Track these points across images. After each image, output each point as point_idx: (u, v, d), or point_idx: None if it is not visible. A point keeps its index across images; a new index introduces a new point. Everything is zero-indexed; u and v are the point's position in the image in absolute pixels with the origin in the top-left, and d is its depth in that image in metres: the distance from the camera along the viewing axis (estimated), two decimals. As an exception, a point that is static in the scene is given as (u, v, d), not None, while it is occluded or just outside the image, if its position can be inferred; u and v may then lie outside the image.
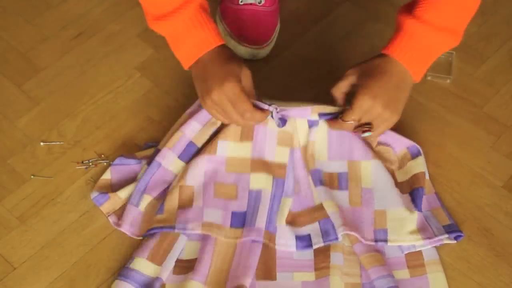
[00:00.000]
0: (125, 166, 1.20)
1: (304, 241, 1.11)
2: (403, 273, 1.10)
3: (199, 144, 1.18)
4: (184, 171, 1.16)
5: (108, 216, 1.15)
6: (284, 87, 1.35)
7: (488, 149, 1.25)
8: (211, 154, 1.16)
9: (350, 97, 1.12)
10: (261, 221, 1.11)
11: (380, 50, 1.10)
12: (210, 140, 1.18)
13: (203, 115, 1.18)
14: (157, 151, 1.18)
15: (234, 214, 1.13)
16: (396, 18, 1.10)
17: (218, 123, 1.18)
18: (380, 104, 1.08)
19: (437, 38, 1.07)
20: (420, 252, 1.12)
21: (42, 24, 1.43)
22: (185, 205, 1.14)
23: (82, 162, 1.23)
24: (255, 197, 1.15)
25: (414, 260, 1.11)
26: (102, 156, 1.24)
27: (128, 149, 1.25)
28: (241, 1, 1.37)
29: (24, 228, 1.16)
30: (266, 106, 1.13)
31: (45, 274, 1.11)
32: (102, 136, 1.27)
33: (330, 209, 1.13)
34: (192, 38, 1.09)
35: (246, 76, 1.12)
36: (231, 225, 1.12)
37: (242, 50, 1.36)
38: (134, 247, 1.13)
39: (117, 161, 1.20)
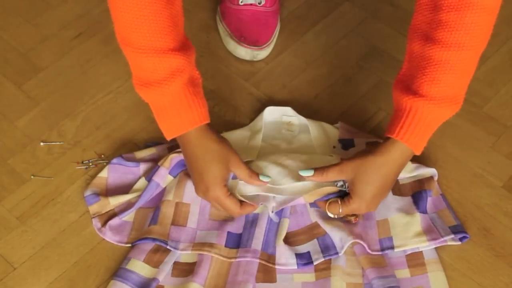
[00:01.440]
0: (123, 167, 1.20)
1: (304, 258, 1.10)
2: (404, 273, 1.10)
3: None
4: (182, 186, 1.16)
5: (93, 218, 1.15)
6: (284, 87, 1.35)
7: (488, 149, 1.25)
8: None
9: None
10: (257, 242, 1.11)
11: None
12: None
13: None
14: (157, 167, 1.17)
15: (229, 234, 1.12)
16: (394, 94, 1.05)
17: None
18: (373, 208, 1.09)
19: (441, 110, 1.02)
20: (420, 251, 1.12)
21: (42, 24, 1.43)
22: (179, 223, 1.13)
23: (82, 162, 1.23)
24: (251, 220, 1.14)
25: (415, 260, 1.11)
26: (102, 156, 1.24)
27: (128, 149, 1.25)
28: (241, 2, 1.37)
29: (24, 228, 1.16)
30: (257, 203, 1.11)
31: (45, 274, 1.11)
32: (102, 136, 1.27)
33: (330, 224, 1.12)
34: (174, 116, 1.04)
35: (235, 165, 1.08)
36: (226, 245, 1.11)
37: (242, 50, 1.36)
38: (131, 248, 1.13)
39: (115, 160, 1.20)
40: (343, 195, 1.10)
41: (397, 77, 1.06)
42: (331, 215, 1.11)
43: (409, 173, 1.17)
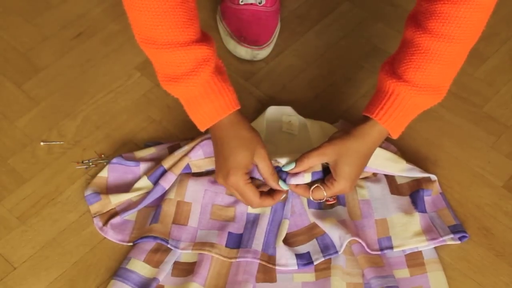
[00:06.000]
0: (123, 166, 1.20)
1: (304, 259, 1.11)
2: (403, 272, 1.10)
3: (195, 170, 1.18)
4: (183, 185, 1.16)
5: (94, 217, 1.15)
6: (284, 87, 1.35)
7: (488, 149, 1.25)
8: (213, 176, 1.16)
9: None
10: (258, 243, 1.11)
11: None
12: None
13: (210, 148, 1.16)
14: (162, 169, 1.17)
15: (230, 234, 1.13)
16: (380, 75, 1.07)
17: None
18: (354, 185, 1.11)
19: (421, 98, 1.03)
20: (419, 251, 1.12)
21: (42, 24, 1.43)
22: (180, 222, 1.14)
23: (82, 162, 1.23)
24: (252, 221, 1.14)
25: (414, 259, 1.11)
26: (102, 156, 1.24)
27: (128, 149, 1.25)
28: (242, 1, 1.37)
29: (24, 228, 1.16)
30: (281, 187, 1.10)
31: (45, 274, 1.11)
32: (102, 136, 1.27)
33: (329, 223, 1.12)
34: (207, 105, 1.05)
35: (261, 158, 1.07)
36: (227, 245, 1.11)
37: (242, 50, 1.36)
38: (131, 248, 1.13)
39: (115, 160, 1.20)
40: (322, 177, 1.11)
41: (386, 59, 1.08)
42: (315, 201, 1.12)
43: (400, 172, 1.17)
